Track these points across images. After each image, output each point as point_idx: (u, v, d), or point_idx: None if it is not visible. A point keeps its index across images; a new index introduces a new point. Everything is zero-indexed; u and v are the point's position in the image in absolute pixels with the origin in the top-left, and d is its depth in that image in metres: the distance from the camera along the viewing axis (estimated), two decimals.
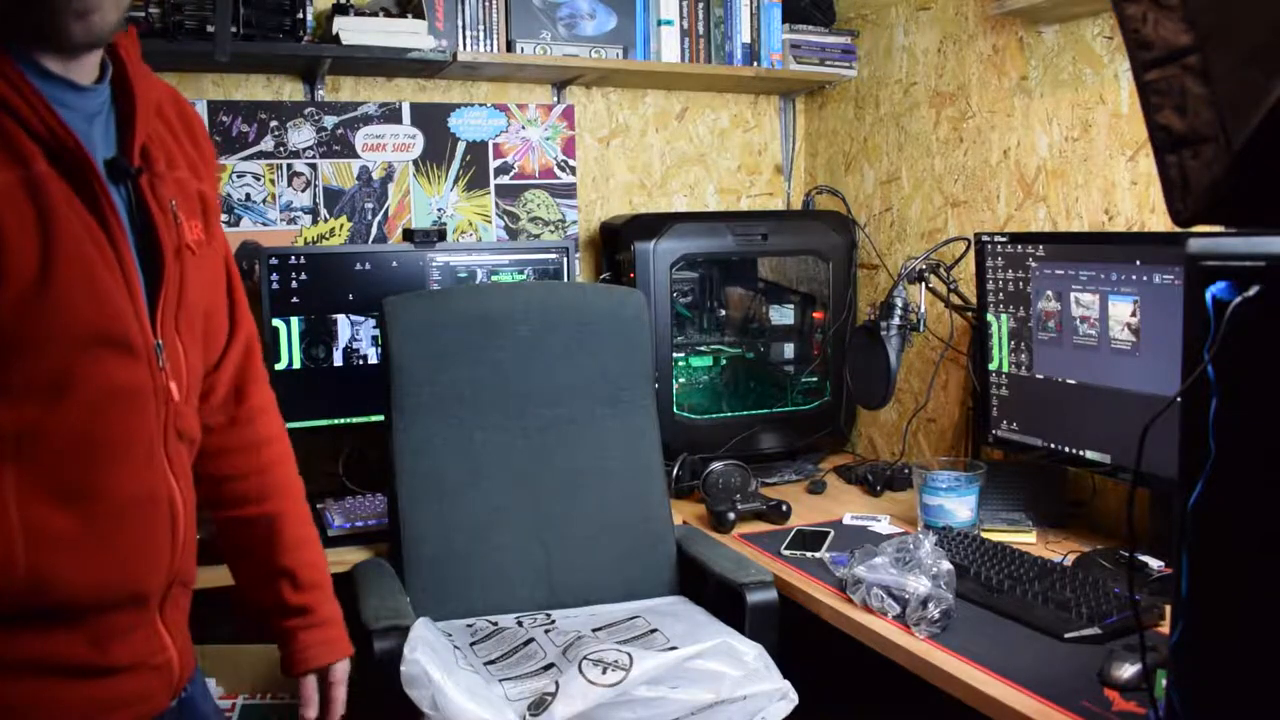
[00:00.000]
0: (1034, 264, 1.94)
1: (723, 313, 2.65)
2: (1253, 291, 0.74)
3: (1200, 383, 0.78)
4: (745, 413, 2.53)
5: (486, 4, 2.37)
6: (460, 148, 2.54)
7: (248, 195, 2.35)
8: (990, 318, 2.05)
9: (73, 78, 1.01)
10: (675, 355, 2.49)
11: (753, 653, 1.55)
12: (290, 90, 2.40)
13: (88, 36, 0.98)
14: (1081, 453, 1.88)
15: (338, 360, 2.25)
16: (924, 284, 2.18)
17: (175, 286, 1.08)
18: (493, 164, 2.58)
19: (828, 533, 1.97)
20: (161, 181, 1.08)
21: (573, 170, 2.65)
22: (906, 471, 2.28)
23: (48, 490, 0.96)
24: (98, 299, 0.99)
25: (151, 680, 1.09)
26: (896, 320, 2.13)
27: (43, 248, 0.94)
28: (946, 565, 1.58)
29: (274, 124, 2.36)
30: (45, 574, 0.96)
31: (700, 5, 2.59)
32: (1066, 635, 1.46)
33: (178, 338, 1.09)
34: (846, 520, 2.09)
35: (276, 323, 2.19)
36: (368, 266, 2.26)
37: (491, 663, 1.61)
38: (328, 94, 2.43)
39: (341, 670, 1.31)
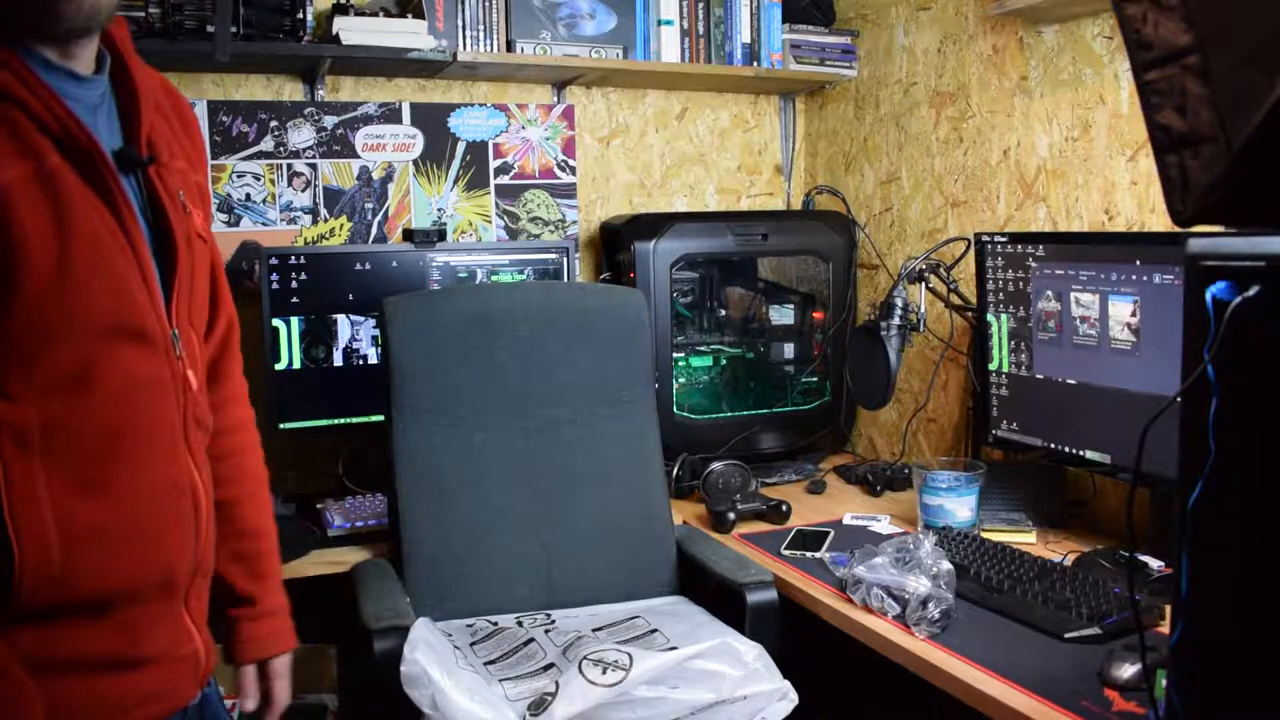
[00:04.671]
0: (1034, 264, 1.94)
1: (723, 313, 2.65)
2: (1253, 291, 0.74)
3: (1200, 383, 0.78)
4: (745, 413, 2.53)
5: (486, 4, 2.37)
6: (460, 148, 2.54)
7: (248, 195, 2.35)
8: (990, 318, 2.05)
9: (72, 68, 1.01)
10: (675, 355, 2.48)
11: (753, 653, 1.55)
12: (290, 90, 2.40)
13: (78, 18, 0.97)
14: (1081, 453, 1.88)
15: (338, 360, 2.25)
16: (924, 284, 2.18)
17: (188, 276, 1.09)
18: (493, 164, 2.58)
19: (828, 533, 1.97)
20: (168, 171, 1.09)
21: (573, 170, 2.65)
22: (906, 471, 2.28)
23: (75, 483, 0.96)
24: (115, 290, 0.99)
25: (180, 672, 1.09)
26: (896, 320, 2.13)
27: (60, 240, 0.94)
28: (946, 565, 1.58)
29: (274, 124, 2.36)
30: (78, 566, 0.96)
31: (700, 5, 2.59)
32: (1066, 635, 1.46)
33: (190, 327, 1.11)
34: (846, 520, 2.09)
35: (276, 323, 2.19)
36: (368, 266, 2.26)
37: (491, 663, 1.61)
38: (328, 94, 2.43)
39: (282, 665, 1.29)
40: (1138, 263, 1.73)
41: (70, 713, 0.98)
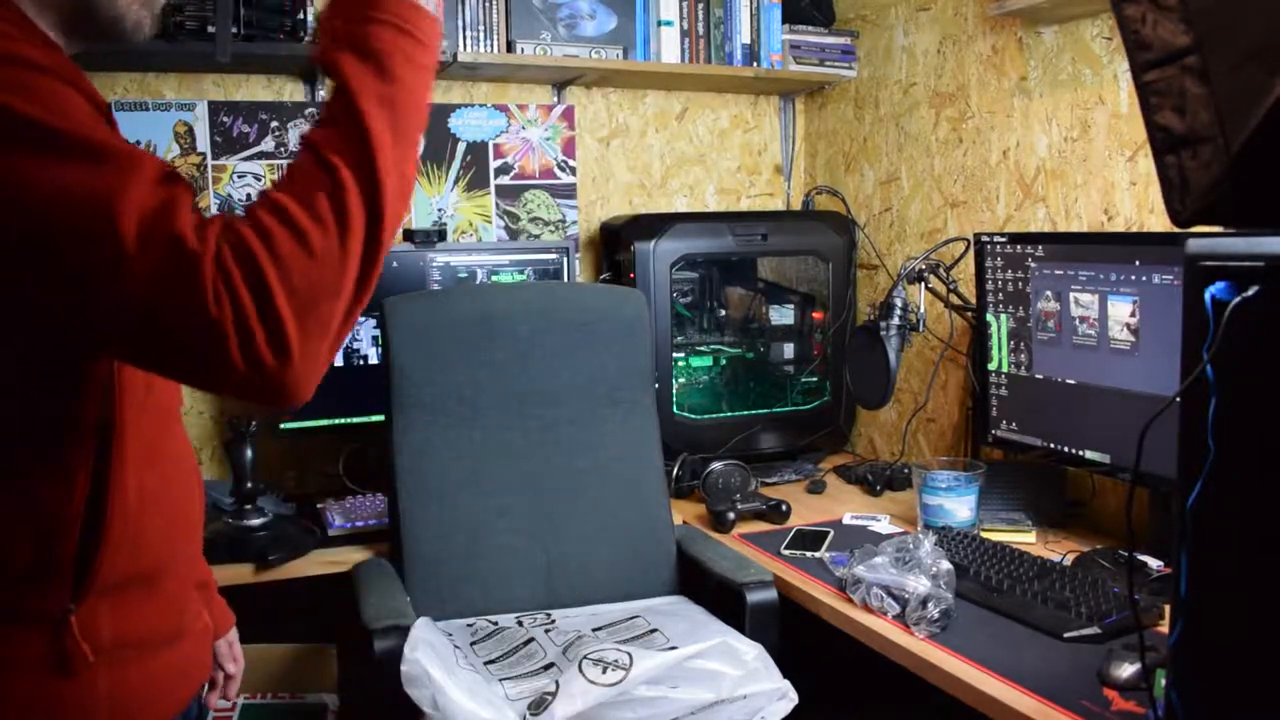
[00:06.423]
0: (1033, 264, 1.94)
1: (723, 313, 2.65)
2: (1252, 291, 0.74)
3: (1200, 383, 0.78)
4: (745, 413, 2.53)
5: (486, 4, 2.37)
6: (460, 148, 2.54)
7: (248, 195, 2.35)
8: (990, 318, 2.05)
9: None
10: (675, 355, 2.49)
11: (753, 652, 1.55)
12: (291, 91, 2.40)
13: (153, 29, 1.02)
14: (1081, 453, 1.88)
15: (338, 360, 2.25)
16: (924, 284, 2.18)
17: None
18: (493, 164, 2.58)
19: (828, 533, 1.97)
20: None
21: (573, 170, 2.65)
22: (906, 471, 2.28)
23: (143, 453, 0.99)
24: None
25: (204, 644, 1.13)
26: (896, 320, 2.13)
27: None
28: (946, 565, 1.58)
29: (274, 124, 2.36)
30: (144, 534, 0.98)
31: (700, 5, 2.59)
32: (1066, 635, 1.46)
33: None
34: (846, 520, 2.09)
35: None
36: None
37: (492, 662, 1.62)
38: (328, 94, 2.42)
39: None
40: (1137, 263, 1.73)
41: (130, 698, 0.98)
